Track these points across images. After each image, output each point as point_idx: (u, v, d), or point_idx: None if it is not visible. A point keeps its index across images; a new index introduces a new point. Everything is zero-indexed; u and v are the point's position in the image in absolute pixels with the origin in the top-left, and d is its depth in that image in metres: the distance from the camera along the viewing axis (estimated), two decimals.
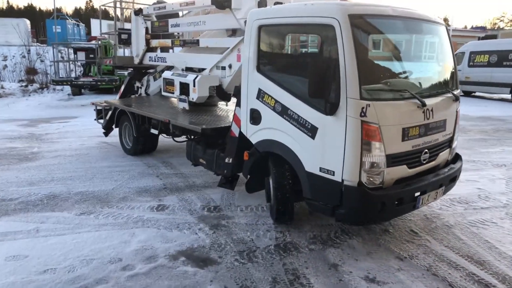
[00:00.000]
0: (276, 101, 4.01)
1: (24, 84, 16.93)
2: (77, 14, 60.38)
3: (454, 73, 4.34)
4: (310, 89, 3.43)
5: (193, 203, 4.95)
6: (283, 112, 3.94)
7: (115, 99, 8.13)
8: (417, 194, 3.70)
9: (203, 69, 6.05)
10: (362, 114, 3.33)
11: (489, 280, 3.35)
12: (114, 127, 7.64)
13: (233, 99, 6.29)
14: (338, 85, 3.35)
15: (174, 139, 6.33)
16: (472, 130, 10.11)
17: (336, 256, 3.72)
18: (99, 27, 10.85)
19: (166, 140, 7.63)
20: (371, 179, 3.45)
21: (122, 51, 12.49)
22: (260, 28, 4.24)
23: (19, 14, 48.62)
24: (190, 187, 5.57)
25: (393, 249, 3.86)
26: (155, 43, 7.32)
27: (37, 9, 66.00)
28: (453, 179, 4.22)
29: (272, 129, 4.12)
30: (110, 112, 7.56)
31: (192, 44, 6.49)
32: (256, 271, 3.44)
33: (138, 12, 7.37)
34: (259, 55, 4.27)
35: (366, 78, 3.43)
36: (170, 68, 7.01)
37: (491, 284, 3.30)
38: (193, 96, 5.72)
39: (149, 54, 7.38)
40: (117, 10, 8.46)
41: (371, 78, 3.60)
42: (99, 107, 7.99)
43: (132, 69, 8.13)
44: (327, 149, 3.57)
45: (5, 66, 19.64)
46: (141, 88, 8.17)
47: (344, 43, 3.36)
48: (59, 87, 16.29)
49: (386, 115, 3.44)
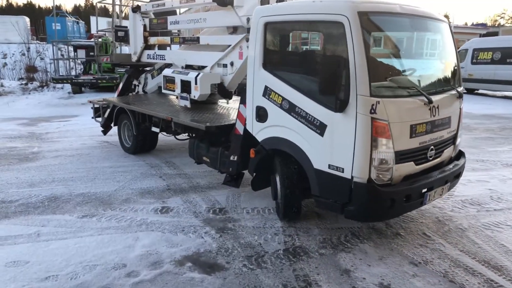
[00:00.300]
0: (284, 98, 3.99)
1: (24, 82, 16.74)
2: (76, 11, 60.04)
3: (457, 70, 4.36)
4: (321, 86, 3.44)
5: (198, 205, 4.82)
6: (291, 109, 3.92)
7: (113, 97, 8.00)
8: (424, 190, 3.72)
9: (203, 66, 5.98)
10: (372, 111, 3.33)
11: (508, 287, 3.22)
12: (112, 125, 7.53)
13: (234, 97, 6.29)
14: (347, 82, 3.36)
15: (176, 137, 6.31)
16: (478, 129, 9.97)
17: (348, 261, 3.59)
18: (97, 24, 10.74)
19: (168, 139, 7.56)
20: (380, 176, 3.46)
21: (123, 49, 12.37)
22: (266, 25, 4.19)
23: (18, 12, 48.47)
24: (194, 188, 5.44)
25: (406, 253, 3.73)
26: (153, 40, 7.21)
27: (37, 7, 65.80)
28: (458, 175, 4.24)
29: (279, 127, 4.10)
30: (108, 110, 7.45)
31: (192, 42, 6.38)
32: (266, 278, 3.32)
33: (136, 9, 7.25)
34: (265, 52, 4.23)
35: (375, 75, 3.42)
36: (168, 65, 6.92)
37: None
38: (195, 94, 5.65)
39: (147, 52, 7.28)
40: (116, 7, 8.33)
41: (380, 75, 3.59)
42: (96, 105, 7.87)
43: (129, 67, 8.02)
44: (336, 146, 3.57)
45: (5, 64, 19.43)
46: (138, 86, 8.05)
47: (353, 40, 3.35)
48: (59, 85, 16.11)
49: (394, 112, 3.45)
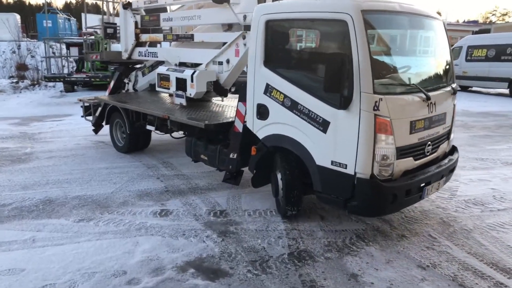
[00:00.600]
0: (285, 96, 4.01)
1: (14, 80, 16.43)
2: (67, 8, 59.22)
3: (451, 67, 4.47)
4: (325, 83, 3.46)
5: (197, 208, 4.70)
6: (293, 106, 3.94)
7: (104, 95, 7.85)
8: (423, 185, 3.81)
9: (197, 64, 5.92)
10: (375, 108, 3.39)
11: None
12: (104, 124, 7.40)
13: (229, 94, 6.25)
14: (351, 80, 3.41)
15: (171, 135, 6.32)
16: (475, 126, 9.96)
17: (355, 265, 3.50)
18: (87, 21, 10.51)
19: (164, 138, 7.44)
20: (382, 171, 3.52)
21: (116, 47, 12.16)
22: (268, 23, 4.19)
23: (8, 9, 47.71)
24: (193, 189, 5.32)
25: (413, 256, 3.65)
26: (145, 37, 7.09)
27: (27, 3, 64.84)
28: (452, 170, 4.37)
29: (281, 124, 4.12)
30: (100, 109, 7.31)
31: (186, 39, 6.27)
32: (272, 284, 3.21)
33: (126, 6, 7.12)
34: (266, 50, 4.23)
35: (377, 72, 3.50)
36: (160, 63, 6.84)
37: None
38: (191, 91, 5.61)
39: (139, 49, 7.16)
40: (108, 4, 8.21)
41: (382, 73, 3.67)
42: (86, 104, 7.72)
43: (119, 64, 7.90)
44: (339, 142, 3.60)
45: None
46: (128, 83, 7.91)
47: (357, 38, 3.39)
48: (51, 83, 15.84)
49: (396, 109, 3.52)
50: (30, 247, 3.76)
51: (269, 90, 4.17)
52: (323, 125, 3.67)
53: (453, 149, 4.62)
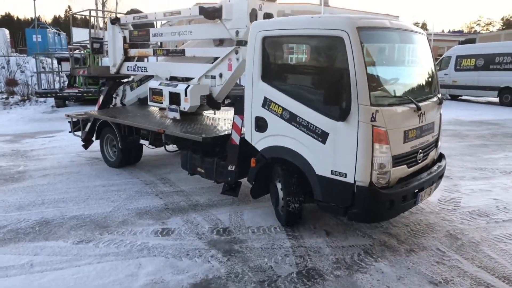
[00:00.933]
0: (284, 108, 4.14)
1: (4, 96, 16.19)
2: (56, 23, 58.94)
3: (436, 78, 4.70)
4: (324, 97, 3.64)
5: (200, 226, 4.59)
6: (292, 119, 4.08)
7: (94, 110, 7.75)
8: (416, 191, 3.99)
9: (188, 78, 5.94)
10: (372, 119, 3.56)
11: None
12: (94, 139, 7.32)
13: (223, 108, 6.39)
14: (349, 93, 3.57)
15: (166, 148, 6.41)
16: (470, 136, 10.03)
17: (366, 283, 3.42)
18: (77, 36, 10.39)
19: (159, 153, 7.35)
20: (380, 179, 3.69)
21: (105, 61, 12.04)
22: (264, 39, 4.32)
23: None
24: (194, 206, 5.21)
25: (424, 272, 3.58)
26: (134, 52, 7.07)
27: (15, 18, 64.39)
28: (441, 176, 4.56)
29: (280, 136, 4.24)
30: (89, 124, 7.23)
31: (177, 54, 6.26)
32: None
33: (114, 21, 7.11)
34: (263, 65, 4.37)
35: (373, 85, 3.68)
36: (149, 77, 6.83)
37: None
38: (185, 105, 5.69)
39: (127, 64, 7.13)
40: (97, 19, 8.20)
41: (377, 86, 3.84)
42: (74, 119, 7.62)
43: (107, 79, 7.86)
44: (338, 152, 3.75)
45: None
46: (115, 98, 7.84)
47: (354, 53, 3.56)
48: (42, 99, 15.65)
49: (391, 119, 3.70)
50: (28, 272, 3.60)
51: (267, 103, 4.29)
52: (322, 136, 3.82)
53: (441, 156, 4.81)
